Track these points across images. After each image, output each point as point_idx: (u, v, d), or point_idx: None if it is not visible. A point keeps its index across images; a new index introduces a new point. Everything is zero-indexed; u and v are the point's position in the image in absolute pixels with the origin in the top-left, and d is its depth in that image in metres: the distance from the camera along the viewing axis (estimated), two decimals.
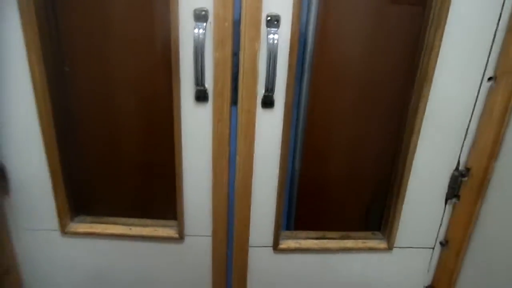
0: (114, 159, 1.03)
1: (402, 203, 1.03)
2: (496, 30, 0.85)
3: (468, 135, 0.96)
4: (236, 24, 0.84)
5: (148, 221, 1.07)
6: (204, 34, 0.82)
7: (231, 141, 0.95)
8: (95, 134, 1.00)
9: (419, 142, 0.96)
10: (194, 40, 0.82)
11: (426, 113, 0.93)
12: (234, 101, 0.91)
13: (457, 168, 1.00)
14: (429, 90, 0.90)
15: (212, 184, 0.98)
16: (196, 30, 0.82)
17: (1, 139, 0.92)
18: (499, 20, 0.85)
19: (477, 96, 0.92)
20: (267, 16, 0.82)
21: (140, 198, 1.07)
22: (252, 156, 0.95)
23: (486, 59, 0.88)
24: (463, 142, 0.97)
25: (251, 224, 1.03)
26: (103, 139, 1.01)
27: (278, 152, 0.96)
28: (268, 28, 0.83)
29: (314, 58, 0.97)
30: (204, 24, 0.82)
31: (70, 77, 0.94)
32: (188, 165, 0.96)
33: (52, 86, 0.90)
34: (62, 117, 0.95)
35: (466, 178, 0.99)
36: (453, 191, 1.02)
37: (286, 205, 1.22)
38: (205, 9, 0.82)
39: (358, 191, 1.13)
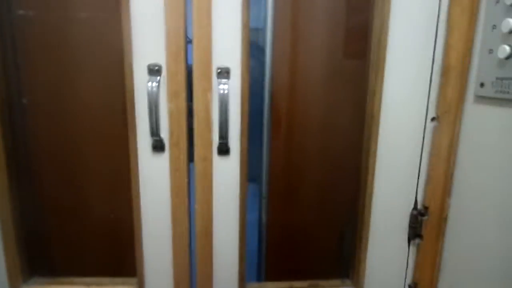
0: (70, 213, 1.01)
1: (366, 247, 1.02)
2: (431, 73, 0.92)
3: (421, 174, 0.99)
4: (189, 75, 0.88)
5: (107, 280, 1.02)
6: (158, 87, 0.86)
7: (189, 190, 0.95)
8: (50, 186, 0.99)
9: (375, 183, 0.98)
10: (148, 93, 0.86)
11: (378, 154, 0.96)
12: (190, 150, 0.92)
13: (415, 207, 1.01)
14: (377, 131, 0.94)
15: (172, 235, 0.96)
16: (150, 84, 0.86)
17: None
18: (432, 63, 0.92)
19: (423, 136, 0.96)
20: (218, 68, 0.88)
21: (98, 255, 1.04)
22: (211, 204, 0.95)
23: (427, 100, 0.94)
24: (418, 181, 0.99)
25: (214, 276, 1.00)
26: (58, 191, 0.99)
27: (237, 199, 0.96)
28: (219, 79, 0.88)
29: (272, 106, 1.03)
30: (158, 77, 0.87)
31: (26, 118, 0.95)
32: (146, 216, 0.95)
33: (6, 140, 0.91)
34: (16, 167, 0.95)
35: (426, 217, 1.00)
36: (415, 230, 1.02)
37: (255, 255, 1.20)
38: (158, 64, 0.86)
39: (325, 237, 1.13)
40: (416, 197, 1.00)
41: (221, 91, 0.87)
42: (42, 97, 0.94)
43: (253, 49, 0.91)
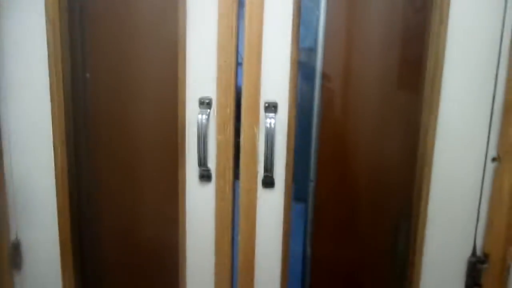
0: (119, 238, 1.06)
1: None
2: (492, 109, 0.86)
3: (480, 218, 0.91)
4: (238, 109, 0.91)
5: None
6: (208, 119, 0.90)
7: (233, 220, 0.96)
8: (107, 213, 1.06)
9: (427, 226, 0.92)
10: (198, 125, 0.89)
11: (430, 196, 0.91)
12: (236, 181, 0.94)
13: (473, 254, 0.93)
14: (430, 172, 0.89)
15: (215, 265, 0.97)
16: (200, 116, 0.89)
17: (18, 215, 0.99)
18: (493, 100, 0.86)
19: (483, 177, 0.89)
20: (265, 103, 0.90)
21: (144, 281, 1.07)
22: (254, 235, 0.95)
23: (487, 139, 0.88)
24: (476, 226, 0.92)
25: None
26: (114, 218, 1.06)
27: (280, 232, 0.95)
28: (266, 113, 0.89)
29: (319, 141, 1.02)
30: (208, 110, 0.90)
31: (88, 162, 1.03)
32: (191, 245, 0.98)
33: (71, 164, 0.99)
34: (78, 194, 1.02)
35: (486, 265, 0.92)
36: (473, 280, 0.93)
37: None
38: (209, 98, 0.90)
39: (373, 277, 1.07)
40: (474, 243, 0.92)
41: (268, 125, 0.88)
42: (99, 122, 1.02)
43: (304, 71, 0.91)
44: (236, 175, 0.94)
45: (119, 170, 1.03)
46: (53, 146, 0.95)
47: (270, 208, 0.94)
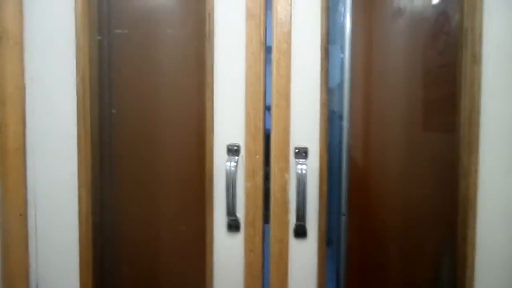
0: None
1: None
2: None
3: None
4: (267, 156, 0.89)
5: None
6: (236, 166, 0.88)
7: (264, 272, 0.91)
8: (130, 266, 1.01)
9: (475, 277, 0.85)
10: (227, 172, 0.87)
11: (477, 244, 0.84)
12: (266, 231, 0.90)
13: None
14: (475, 217, 0.84)
15: None
16: (228, 163, 0.87)
17: (40, 265, 0.96)
18: None
19: None
20: (295, 148, 0.87)
21: None
22: None
23: None
24: None
25: None
26: (138, 271, 1.01)
27: (314, 284, 0.89)
28: (297, 159, 0.87)
29: (350, 188, 0.97)
30: (236, 157, 0.88)
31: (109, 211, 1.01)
32: None
33: (95, 215, 0.96)
34: (101, 245, 0.99)
35: None
36: None
37: None
38: (237, 145, 0.88)
39: None
40: None
41: (299, 171, 0.85)
42: (125, 169, 1.00)
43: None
44: (265, 225, 0.90)
45: (144, 218, 1.00)
46: (78, 197, 0.93)
47: (302, 259, 0.89)
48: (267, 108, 0.88)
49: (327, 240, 0.90)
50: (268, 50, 0.88)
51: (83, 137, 0.91)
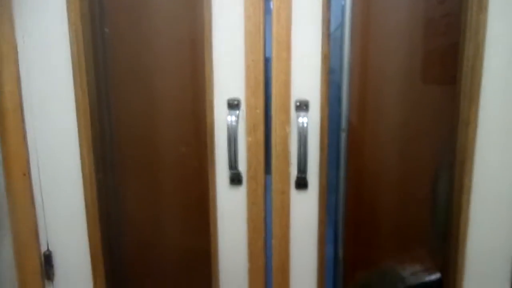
0: (149, 243, 1.04)
1: None
2: None
3: None
4: (268, 109, 0.88)
5: None
6: (237, 121, 0.87)
7: (266, 223, 0.93)
8: (135, 222, 1.04)
9: (470, 223, 0.88)
10: (228, 127, 0.87)
11: (473, 191, 0.86)
12: (268, 184, 0.91)
13: None
14: (471, 165, 0.85)
15: (248, 270, 0.95)
16: (229, 118, 0.87)
17: (49, 227, 0.98)
18: None
19: None
20: (296, 101, 0.86)
21: (177, 284, 1.05)
22: (288, 239, 0.92)
23: None
24: None
25: None
26: (143, 227, 1.04)
27: (315, 234, 0.92)
28: (298, 113, 0.86)
29: (350, 139, 0.98)
30: (237, 111, 0.88)
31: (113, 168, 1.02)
32: (223, 249, 0.95)
33: (99, 173, 0.97)
34: (106, 205, 1.00)
35: None
36: None
37: None
38: (238, 99, 0.88)
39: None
40: None
41: (300, 124, 0.85)
42: (125, 126, 1.00)
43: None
44: (267, 178, 0.91)
45: (147, 176, 1.01)
46: (80, 154, 0.93)
47: (304, 210, 0.91)
48: (267, 60, 0.87)
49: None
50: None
51: (80, 95, 0.90)
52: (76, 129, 0.92)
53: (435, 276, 0.97)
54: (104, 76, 0.97)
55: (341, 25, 0.93)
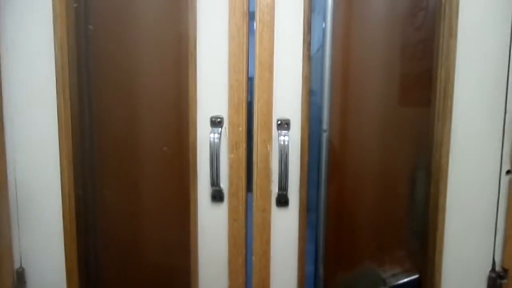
0: (129, 259, 1.02)
1: None
2: (504, 123, 0.87)
3: (498, 232, 0.90)
4: (250, 127, 0.90)
5: None
6: (220, 138, 0.89)
7: (247, 240, 0.94)
8: (114, 237, 1.02)
9: (445, 240, 0.91)
10: (210, 144, 0.88)
11: (447, 209, 0.89)
12: (249, 201, 0.92)
13: (493, 269, 0.91)
14: (446, 185, 0.88)
15: (228, 286, 0.94)
16: (212, 135, 0.88)
17: (23, 243, 0.96)
18: (505, 113, 0.86)
19: (499, 190, 0.89)
20: (278, 120, 0.89)
21: None
22: (269, 256, 0.93)
23: (500, 151, 0.88)
24: (495, 240, 0.90)
25: None
26: (122, 242, 1.02)
27: (295, 251, 0.93)
28: (279, 131, 0.88)
29: (330, 158, 1.00)
30: (220, 129, 0.89)
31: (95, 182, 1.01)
32: (203, 266, 0.94)
33: (78, 188, 0.96)
34: (84, 219, 0.99)
35: (506, 281, 0.90)
36: None
37: None
38: (221, 117, 0.89)
39: None
40: (493, 258, 0.91)
41: (282, 142, 0.87)
42: (107, 138, 1.00)
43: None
44: (248, 195, 0.92)
45: (128, 191, 1.00)
46: (60, 169, 0.92)
47: (284, 227, 0.92)
48: (250, 80, 0.89)
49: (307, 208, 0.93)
50: (251, 18, 0.87)
51: (62, 106, 0.89)
52: (57, 142, 0.91)
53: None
54: (88, 87, 0.97)
55: (322, 47, 0.97)
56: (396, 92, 0.97)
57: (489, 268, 0.91)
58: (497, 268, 0.91)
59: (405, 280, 0.98)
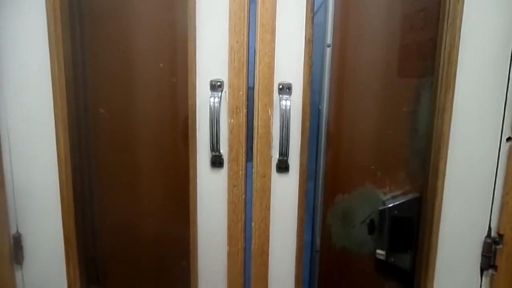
0: (128, 226, 1.02)
1: (433, 276, 0.95)
2: (507, 90, 0.86)
3: (495, 198, 0.91)
4: (250, 91, 0.88)
5: None
6: (220, 102, 0.87)
7: (246, 206, 0.93)
8: (112, 205, 1.01)
9: (444, 205, 0.91)
10: (210, 108, 0.86)
11: (447, 175, 0.90)
12: (248, 166, 0.91)
13: (489, 235, 0.93)
14: (446, 151, 0.88)
15: (227, 252, 0.95)
16: (212, 99, 0.86)
17: (19, 208, 0.94)
18: (508, 80, 0.86)
19: (498, 157, 0.89)
20: (279, 84, 0.87)
21: (154, 269, 1.04)
22: (268, 222, 0.93)
23: (502, 119, 0.87)
24: (492, 206, 0.91)
25: None
26: (115, 203, 1.01)
27: (295, 217, 0.93)
28: (280, 95, 0.87)
29: (329, 125, 0.99)
30: (220, 93, 0.87)
31: (90, 146, 0.99)
32: (202, 232, 0.94)
33: (74, 155, 0.94)
34: (81, 187, 0.97)
35: (500, 246, 0.92)
36: (488, 260, 0.93)
37: (307, 279, 1.14)
38: (221, 80, 0.87)
39: (383, 267, 1.06)
40: (489, 224, 0.92)
41: (283, 107, 0.85)
42: (107, 110, 0.97)
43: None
44: (248, 160, 0.91)
45: (126, 159, 0.99)
46: (56, 136, 0.90)
47: (285, 194, 0.92)
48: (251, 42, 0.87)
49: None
50: None
51: (57, 75, 0.87)
52: (52, 107, 0.88)
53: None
54: (82, 55, 0.93)
55: (324, 6, 0.94)
56: (396, 61, 0.96)
57: (485, 234, 0.93)
58: (493, 234, 0.92)
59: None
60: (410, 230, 0.99)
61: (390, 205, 0.97)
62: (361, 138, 0.98)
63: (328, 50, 0.94)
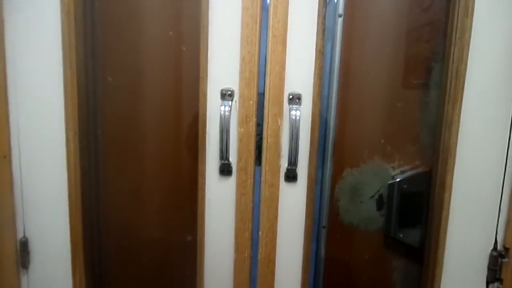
0: (136, 232, 1.02)
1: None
2: None
3: (502, 211, 0.91)
4: (260, 101, 0.89)
5: None
6: (230, 111, 0.88)
7: (254, 215, 0.94)
8: (119, 211, 1.01)
9: (450, 218, 0.92)
10: (220, 117, 0.87)
11: (454, 188, 0.90)
12: (257, 175, 0.92)
13: (495, 248, 0.93)
14: (453, 164, 0.89)
15: (234, 260, 0.95)
16: (222, 108, 0.87)
17: (26, 213, 0.94)
18: None
19: (505, 170, 0.90)
20: (289, 94, 0.88)
21: (160, 275, 1.04)
22: (276, 230, 0.93)
23: (509, 132, 0.88)
24: (498, 219, 0.92)
25: None
26: (126, 216, 1.02)
27: (302, 227, 0.94)
28: (290, 105, 0.88)
29: (336, 135, 1.00)
30: (230, 102, 0.88)
31: (99, 151, 0.99)
32: (210, 239, 0.94)
33: (83, 160, 0.94)
34: (89, 193, 0.97)
35: (506, 259, 0.92)
36: (494, 274, 0.93)
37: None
38: (231, 89, 0.88)
39: (387, 273, 1.06)
40: (496, 237, 0.92)
41: (293, 117, 0.86)
42: (114, 111, 0.98)
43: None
44: (257, 169, 0.92)
45: (135, 165, 0.99)
46: (66, 141, 0.90)
47: (292, 203, 0.92)
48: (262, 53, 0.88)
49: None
50: None
51: (69, 74, 0.87)
52: (63, 111, 0.89)
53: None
54: (93, 56, 0.94)
55: (334, 23, 0.96)
56: (401, 74, 0.97)
57: (491, 247, 0.93)
58: (499, 247, 0.93)
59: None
60: (420, 205, 0.99)
61: (399, 179, 0.97)
62: (370, 111, 0.99)
63: (336, 65, 0.96)
